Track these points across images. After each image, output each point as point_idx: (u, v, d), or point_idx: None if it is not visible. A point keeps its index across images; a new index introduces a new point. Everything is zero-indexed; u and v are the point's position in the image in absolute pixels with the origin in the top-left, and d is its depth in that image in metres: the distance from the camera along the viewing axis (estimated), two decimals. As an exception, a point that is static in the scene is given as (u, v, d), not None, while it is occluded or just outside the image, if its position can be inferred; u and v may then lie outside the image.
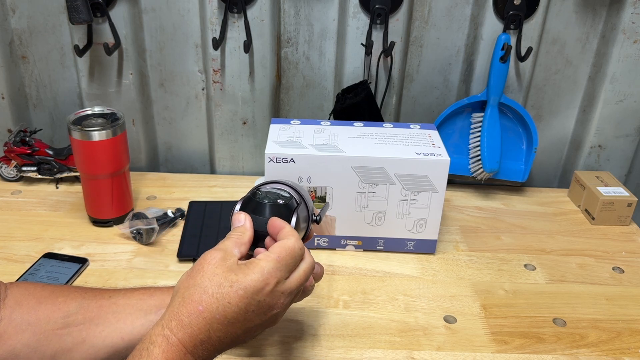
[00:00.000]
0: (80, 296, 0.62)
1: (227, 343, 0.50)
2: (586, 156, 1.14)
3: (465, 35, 1.05)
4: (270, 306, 0.50)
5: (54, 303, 0.60)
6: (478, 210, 1.06)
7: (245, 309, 0.48)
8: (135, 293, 0.63)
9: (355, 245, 0.91)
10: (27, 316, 0.59)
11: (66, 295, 0.61)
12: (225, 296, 0.48)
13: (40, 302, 0.60)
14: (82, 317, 0.59)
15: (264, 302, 0.50)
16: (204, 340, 0.48)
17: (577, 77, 1.09)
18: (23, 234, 0.92)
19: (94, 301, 0.61)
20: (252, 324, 0.50)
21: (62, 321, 0.59)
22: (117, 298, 0.62)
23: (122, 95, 1.09)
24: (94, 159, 0.89)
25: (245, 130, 1.13)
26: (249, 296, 0.48)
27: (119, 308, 0.61)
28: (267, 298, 0.50)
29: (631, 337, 0.77)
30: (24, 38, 1.05)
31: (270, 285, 0.50)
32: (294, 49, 1.06)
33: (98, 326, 0.59)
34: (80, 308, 0.60)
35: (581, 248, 0.96)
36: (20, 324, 0.58)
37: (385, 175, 0.85)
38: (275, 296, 0.50)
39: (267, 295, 0.50)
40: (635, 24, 1.02)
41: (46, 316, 0.59)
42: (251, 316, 0.49)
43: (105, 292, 0.62)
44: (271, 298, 0.50)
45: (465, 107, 1.08)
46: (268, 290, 0.50)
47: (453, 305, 0.81)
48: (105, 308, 0.60)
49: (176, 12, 1.03)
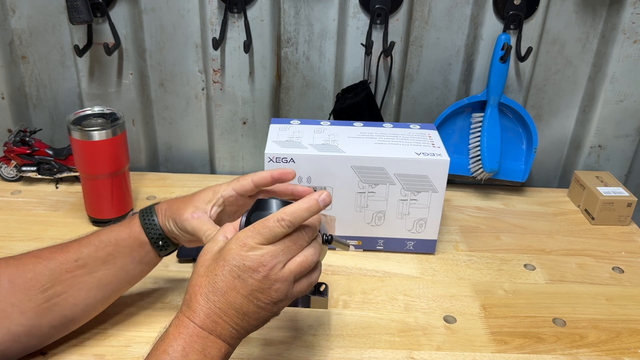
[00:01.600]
0: (46, 268, 0.64)
1: (234, 315, 0.53)
2: (586, 156, 1.14)
3: (465, 35, 1.05)
4: (253, 269, 0.52)
5: (25, 280, 0.63)
6: (478, 210, 1.06)
7: (231, 275, 0.52)
8: (95, 245, 0.66)
9: (355, 245, 0.91)
10: (7, 298, 0.61)
11: (32, 269, 0.63)
12: (212, 270, 0.53)
13: (12, 281, 0.62)
14: (60, 289, 0.63)
15: (246, 266, 0.52)
16: (209, 313, 0.52)
17: (577, 77, 1.09)
18: (23, 234, 0.92)
19: (63, 269, 0.64)
20: (246, 290, 0.52)
21: (42, 296, 0.62)
22: (83, 258, 0.65)
23: (122, 95, 1.09)
24: (93, 159, 0.89)
25: (245, 130, 1.13)
26: (228, 262, 0.52)
27: (90, 268, 0.65)
28: (248, 262, 0.52)
29: (631, 337, 0.77)
30: (24, 38, 1.05)
31: (247, 247, 0.52)
32: (294, 49, 1.06)
33: (81, 291, 0.64)
34: (52, 280, 0.63)
35: (581, 248, 0.96)
36: (5, 307, 0.61)
37: (385, 175, 0.85)
38: (256, 258, 0.52)
39: (247, 259, 0.52)
40: (635, 24, 1.02)
41: (24, 295, 0.62)
42: (239, 283, 0.52)
43: (68, 254, 0.65)
44: (252, 261, 0.52)
45: (465, 107, 1.08)
46: (244, 254, 0.52)
47: (453, 305, 0.81)
48: (77, 272, 0.64)
49: (176, 12, 1.03)
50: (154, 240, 0.67)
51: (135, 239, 0.66)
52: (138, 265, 0.68)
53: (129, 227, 0.67)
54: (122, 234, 0.66)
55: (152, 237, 0.66)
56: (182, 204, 0.66)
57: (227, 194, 0.66)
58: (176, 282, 0.82)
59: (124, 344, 0.71)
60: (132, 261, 0.67)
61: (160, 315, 0.76)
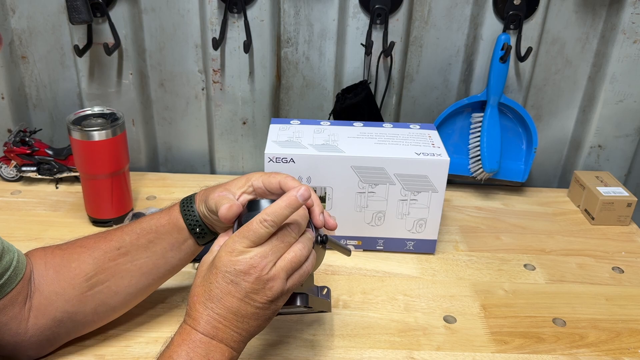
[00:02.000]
0: (90, 257, 0.66)
1: (233, 319, 0.54)
2: (586, 156, 1.14)
3: (465, 35, 1.05)
4: (245, 272, 0.53)
5: (69, 269, 0.65)
6: (478, 210, 1.06)
7: (224, 281, 0.54)
8: (137, 233, 0.67)
9: (355, 245, 0.91)
10: (52, 287, 0.64)
11: (77, 258, 0.66)
12: (207, 279, 0.55)
13: (57, 271, 0.65)
14: (103, 277, 0.65)
15: (237, 270, 0.54)
16: (208, 320, 0.54)
17: (577, 77, 1.09)
18: (23, 234, 0.92)
19: (107, 258, 0.66)
20: (241, 293, 0.54)
21: (85, 284, 0.65)
22: (125, 246, 0.66)
23: (122, 95, 1.09)
24: (93, 159, 0.89)
25: (245, 130, 1.13)
26: (220, 270, 0.54)
27: (132, 256, 0.66)
28: (239, 266, 0.54)
29: (631, 337, 0.77)
30: (24, 38, 1.05)
31: (235, 252, 0.54)
32: (294, 49, 1.06)
33: (123, 279, 0.66)
34: (96, 269, 0.65)
35: (581, 248, 0.96)
36: (49, 296, 0.64)
37: (385, 175, 0.85)
38: (246, 261, 0.54)
39: (237, 264, 0.54)
40: (635, 24, 1.02)
41: (68, 284, 0.64)
42: (233, 287, 0.54)
43: (111, 243, 0.67)
44: (243, 265, 0.54)
45: (465, 107, 1.08)
46: (233, 259, 0.54)
47: (453, 305, 0.81)
48: (119, 260, 0.66)
49: (176, 12, 1.03)
50: (192, 226, 0.66)
51: (174, 225, 0.67)
52: (177, 253, 0.68)
53: (169, 213, 0.67)
54: (162, 220, 0.67)
55: (189, 223, 0.66)
56: (216, 188, 0.66)
57: (257, 184, 0.65)
58: (176, 283, 0.82)
59: (124, 344, 0.71)
60: (171, 248, 0.67)
61: (161, 316, 0.76)
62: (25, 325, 0.63)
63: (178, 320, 0.75)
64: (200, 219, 0.66)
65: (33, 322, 0.63)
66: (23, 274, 0.63)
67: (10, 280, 0.61)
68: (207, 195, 0.66)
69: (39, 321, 0.64)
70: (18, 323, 0.62)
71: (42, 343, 0.65)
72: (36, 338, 0.64)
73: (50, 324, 0.64)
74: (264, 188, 0.65)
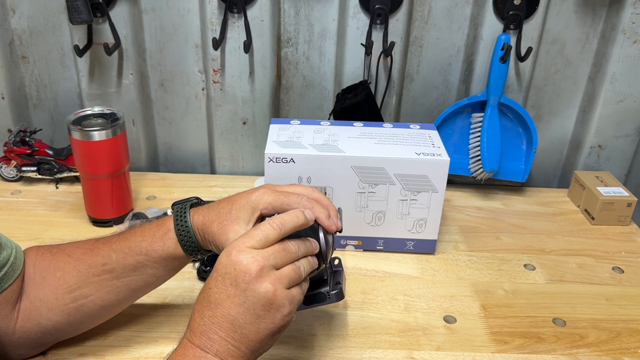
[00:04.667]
0: (74, 269, 0.64)
1: (229, 329, 0.52)
2: (586, 156, 1.14)
3: (465, 35, 1.05)
4: (244, 270, 0.52)
5: (54, 277, 0.63)
6: (478, 210, 1.06)
7: (223, 284, 0.53)
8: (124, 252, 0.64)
9: (355, 245, 0.91)
10: (37, 292, 0.63)
11: (62, 267, 0.64)
12: (206, 285, 0.54)
13: (43, 277, 0.64)
14: (87, 291, 0.63)
15: (237, 270, 0.52)
16: (204, 330, 0.52)
17: (577, 77, 1.09)
18: (23, 234, 0.92)
19: (90, 273, 0.63)
20: (240, 297, 0.52)
21: (68, 297, 0.63)
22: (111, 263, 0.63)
23: (122, 95, 1.09)
24: (93, 159, 0.89)
25: (245, 130, 1.13)
26: (220, 272, 0.53)
27: (118, 273, 0.64)
28: (238, 265, 0.52)
29: (631, 337, 0.77)
30: (24, 38, 1.05)
31: (234, 254, 0.53)
32: (294, 49, 1.06)
33: (109, 294, 0.64)
34: (79, 282, 0.63)
35: (581, 248, 0.96)
36: (34, 301, 0.63)
37: (385, 175, 0.85)
38: (247, 259, 0.52)
39: (237, 264, 0.52)
40: (635, 24, 1.02)
41: (52, 293, 0.63)
42: (232, 290, 0.52)
43: (97, 258, 0.64)
44: (243, 263, 0.52)
45: (465, 107, 1.08)
46: (234, 259, 0.53)
47: (453, 305, 0.81)
48: (104, 276, 0.63)
49: (176, 12, 1.03)
50: (193, 255, 0.64)
51: (169, 254, 0.63)
52: (171, 271, 0.66)
53: (162, 241, 0.63)
54: (154, 246, 0.63)
55: (190, 253, 0.63)
56: (221, 229, 0.60)
57: (267, 213, 0.61)
58: (176, 283, 0.82)
59: (124, 344, 0.71)
60: (164, 269, 0.65)
61: (161, 316, 0.76)
62: (14, 326, 0.62)
63: (178, 320, 0.76)
64: (200, 246, 0.63)
65: (20, 325, 0.62)
66: (20, 272, 0.62)
67: (7, 277, 0.60)
68: (214, 238, 0.61)
69: (25, 325, 0.63)
70: (7, 323, 0.62)
71: (30, 345, 0.65)
72: (24, 340, 0.63)
73: (35, 329, 0.63)
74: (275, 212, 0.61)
